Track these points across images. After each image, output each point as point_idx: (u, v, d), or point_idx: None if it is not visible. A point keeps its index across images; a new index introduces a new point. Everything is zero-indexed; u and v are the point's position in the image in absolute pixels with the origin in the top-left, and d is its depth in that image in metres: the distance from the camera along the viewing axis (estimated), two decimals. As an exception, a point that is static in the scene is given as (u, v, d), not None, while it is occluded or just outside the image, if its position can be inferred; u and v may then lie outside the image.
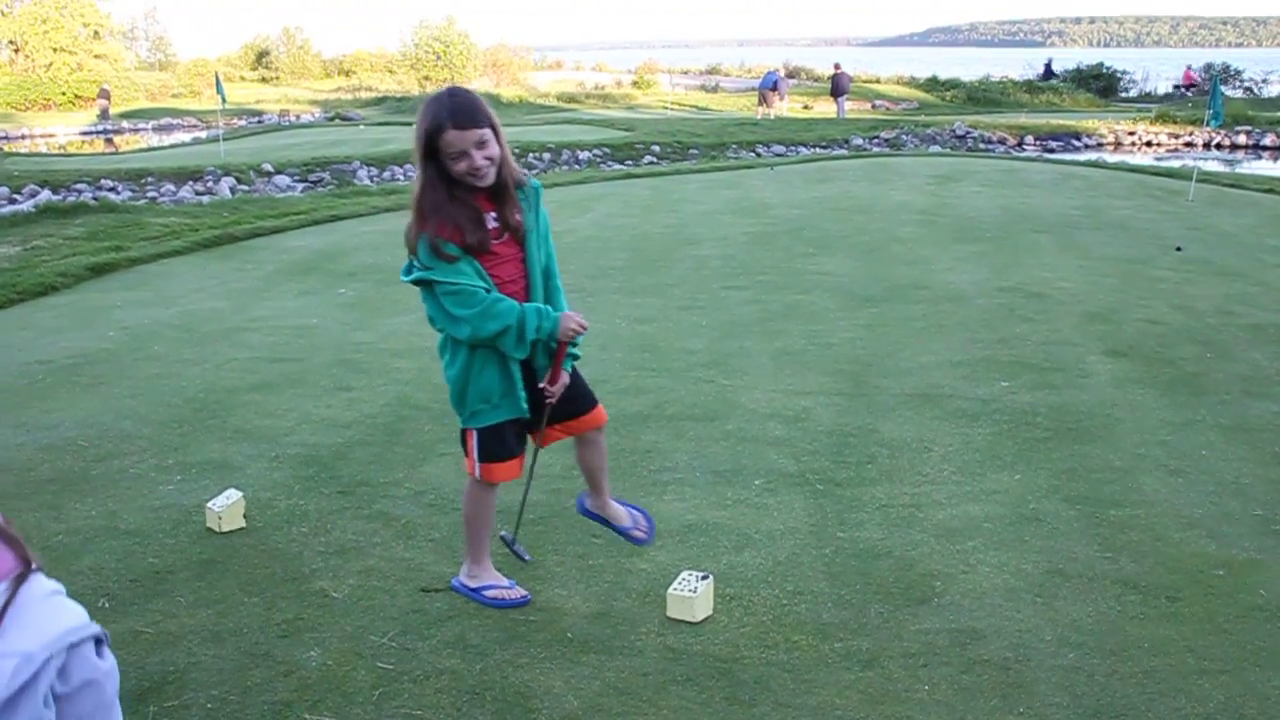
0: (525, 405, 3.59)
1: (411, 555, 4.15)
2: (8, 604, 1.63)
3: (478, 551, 3.85)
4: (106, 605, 3.75)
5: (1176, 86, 44.83)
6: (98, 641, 1.71)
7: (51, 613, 1.69)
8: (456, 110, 3.30)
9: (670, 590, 3.71)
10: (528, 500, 3.98)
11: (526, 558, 4.00)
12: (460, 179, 3.34)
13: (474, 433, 3.61)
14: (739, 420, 5.70)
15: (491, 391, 3.54)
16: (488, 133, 3.33)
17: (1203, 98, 29.82)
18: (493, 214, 3.46)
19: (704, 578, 3.74)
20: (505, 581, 3.85)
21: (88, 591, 3.83)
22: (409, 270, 3.48)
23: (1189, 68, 45.81)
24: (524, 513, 4.01)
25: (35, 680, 1.60)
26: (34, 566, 1.70)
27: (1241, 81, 44.13)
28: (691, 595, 3.66)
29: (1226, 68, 44.67)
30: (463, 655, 3.47)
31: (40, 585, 1.70)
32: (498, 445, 3.62)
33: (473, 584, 3.83)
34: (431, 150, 3.32)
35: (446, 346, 3.58)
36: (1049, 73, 48.02)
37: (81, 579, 3.93)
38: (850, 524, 4.44)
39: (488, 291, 3.40)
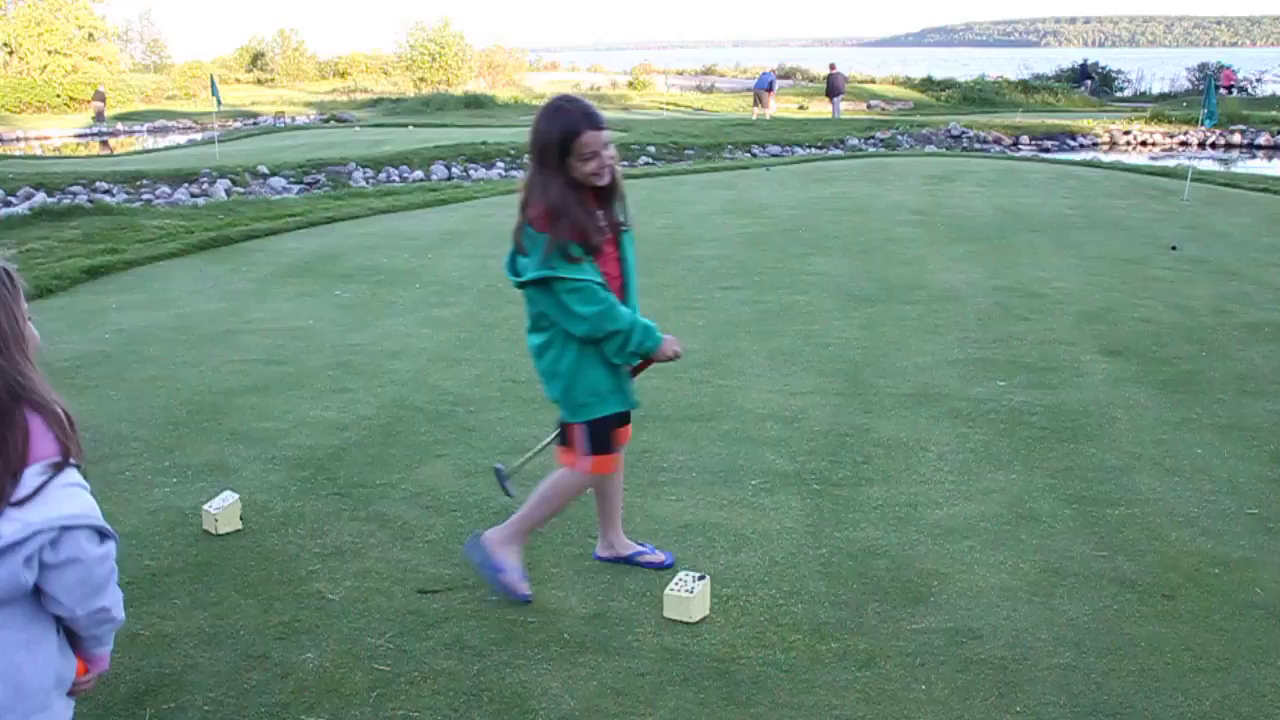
0: (635, 398, 3.80)
1: (408, 557, 4.15)
2: (40, 488, 2.01)
3: (524, 533, 3.90)
4: (103, 608, 3.74)
5: (1223, 88, 44.15)
6: (102, 535, 2.09)
7: (63, 499, 2.04)
8: (590, 113, 3.49)
9: (667, 591, 3.71)
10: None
11: (512, 493, 4.03)
12: (584, 180, 3.48)
13: (583, 426, 3.71)
14: (735, 420, 5.70)
15: (600, 386, 3.67)
16: (611, 134, 3.52)
17: (1199, 96, 29.82)
18: (600, 213, 3.58)
19: (701, 578, 3.75)
20: (521, 573, 3.86)
21: (84, 594, 3.82)
22: (518, 268, 3.59)
23: (1229, 68, 44.94)
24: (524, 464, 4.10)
25: (21, 544, 1.95)
26: (71, 461, 2.09)
27: (1236, 81, 44.18)
28: (688, 595, 3.66)
29: (1221, 67, 44.71)
30: (460, 656, 3.46)
31: (67, 476, 2.08)
32: (606, 438, 3.74)
33: (497, 559, 3.83)
34: (563, 152, 3.42)
35: (554, 343, 3.64)
36: (1085, 74, 47.44)
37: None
38: (847, 524, 4.45)
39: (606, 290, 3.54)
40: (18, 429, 2.06)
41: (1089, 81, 46.52)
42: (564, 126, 3.45)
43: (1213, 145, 28.70)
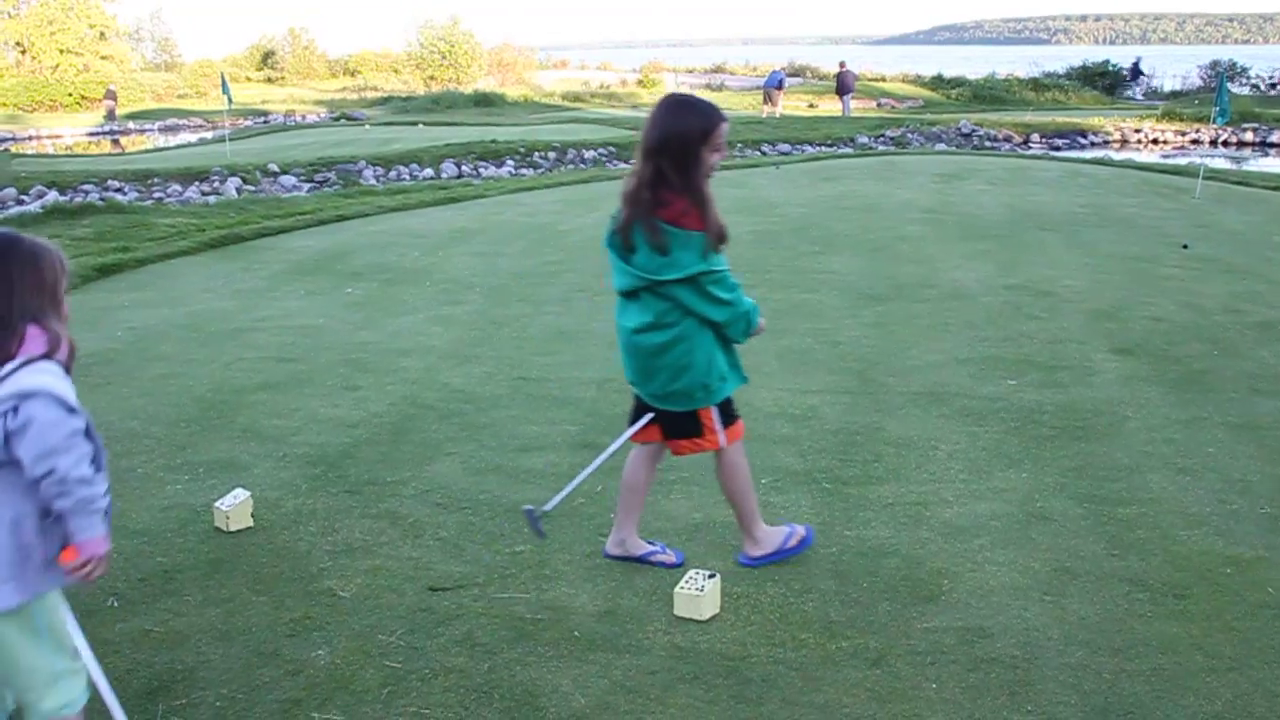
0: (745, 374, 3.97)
1: (419, 554, 4.16)
2: (11, 372, 2.34)
3: (755, 518, 4.03)
4: (115, 604, 3.76)
5: (1273, 85, 43.48)
6: (65, 407, 2.37)
7: (28, 377, 2.35)
8: (716, 106, 3.65)
9: (677, 589, 3.71)
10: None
11: (543, 533, 4.04)
12: (709, 171, 3.61)
13: (713, 409, 3.84)
14: (745, 419, 5.67)
15: (724, 367, 3.85)
16: None
17: (1211, 94, 29.71)
18: None
19: (711, 576, 3.75)
20: (786, 528, 4.09)
21: (96, 591, 3.83)
22: (650, 267, 3.62)
23: None
24: (566, 498, 4.07)
25: None
26: (55, 358, 2.46)
27: (1249, 79, 44.00)
28: (699, 594, 3.66)
29: (1233, 64, 44.53)
30: (470, 654, 3.47)
31: (40, 364, 2.41)
32: (730, 409, 3.93)
33: (768, 549, 4.02)
34: (701, 145, 3.55)
35: (684, 336, 3.71)
36: (1137, 72, 47.01)
37: (90, 578, 3.94)
38: (857, 522, 4.44)
39: None
40: (15, 337, 2.41)
41: (1141, 78, 46.09)
42: (704, 120, 3.56)
43: (1224, 143, 28.60)
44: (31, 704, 2.51)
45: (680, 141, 3.54)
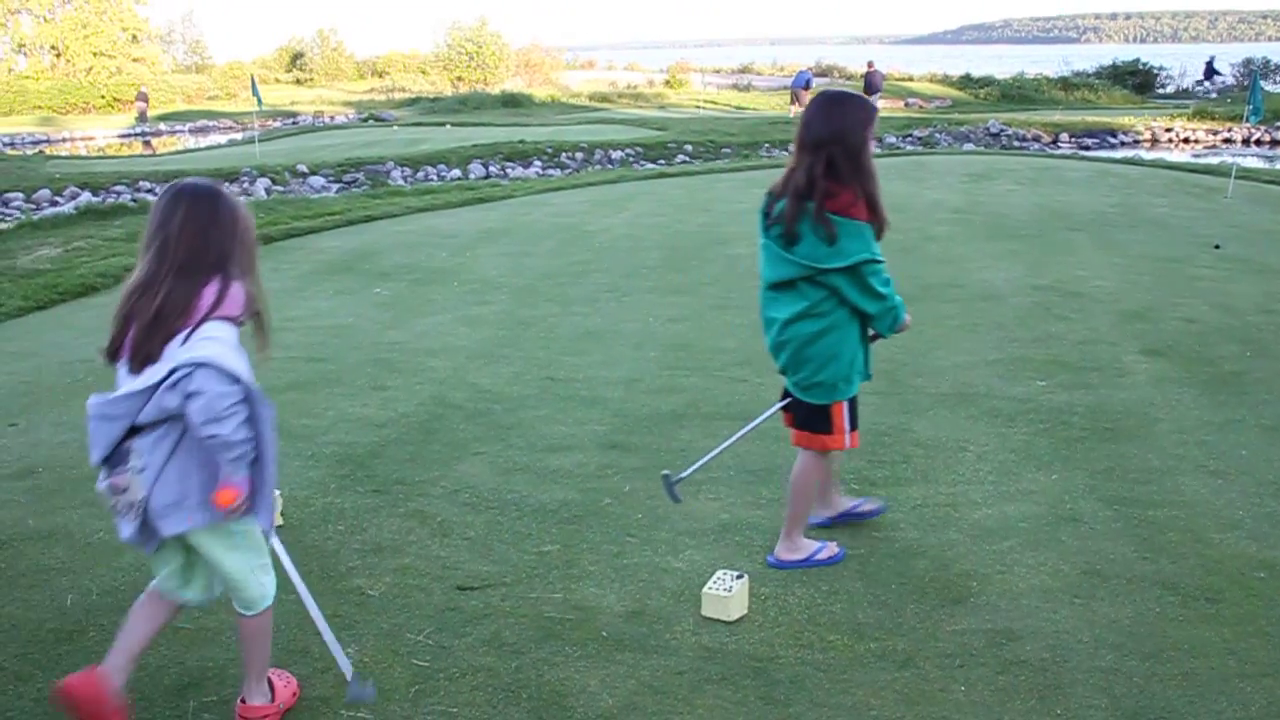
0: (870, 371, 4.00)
1: (447, 554, 4.17)
2: (191, 333, 2.75)
3: (801, 524, 4.09)
4: (147, 602, 3.79)
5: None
6: (231, 377, 2.73)
7: (205, 345, 2.73)
8: (866, 98, 3.88)
9: (705, 589, 3.71)
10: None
11: (679, 499, 4.24)
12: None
13: (844, 404, 3.90)
14: (773, 419, 5.67)
15: (858, 363, 3.92)
16: None
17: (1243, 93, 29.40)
18: None
19: (739, 577, 3.74)
20: (820, 543, 4.10)
21: (128, 587, 3.87)
22: (814, 256, 3.69)
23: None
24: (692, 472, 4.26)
25: (167, 378, 2.73)
26: (238, 320, 2.86)
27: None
28: (726, 594, 3.66)
29: (1267, 62, 44.03)
30: (498, 653, 3.48)
31: (218, 329, 2.79)
32: (855, 411, 3.97)
33: (800, 555, 4.04)
34: (865, 137, 3.70)
35: (836, 326, 3.81)
36: (1211, 71, 46.53)
37: (122, 575, 3.98)
38: (886, 523, 4.43)
39: None
40: (205, 291, 2.78)
41: (1216, 77, 45.53)
42: (866, 112, 3.73)
43: (1257, 142, 28.29)
44: (235, 596, 3.05)
45: (849, 134, 3.67)
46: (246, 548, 3.00)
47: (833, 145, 3.64)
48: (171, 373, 2.72)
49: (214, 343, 2.75)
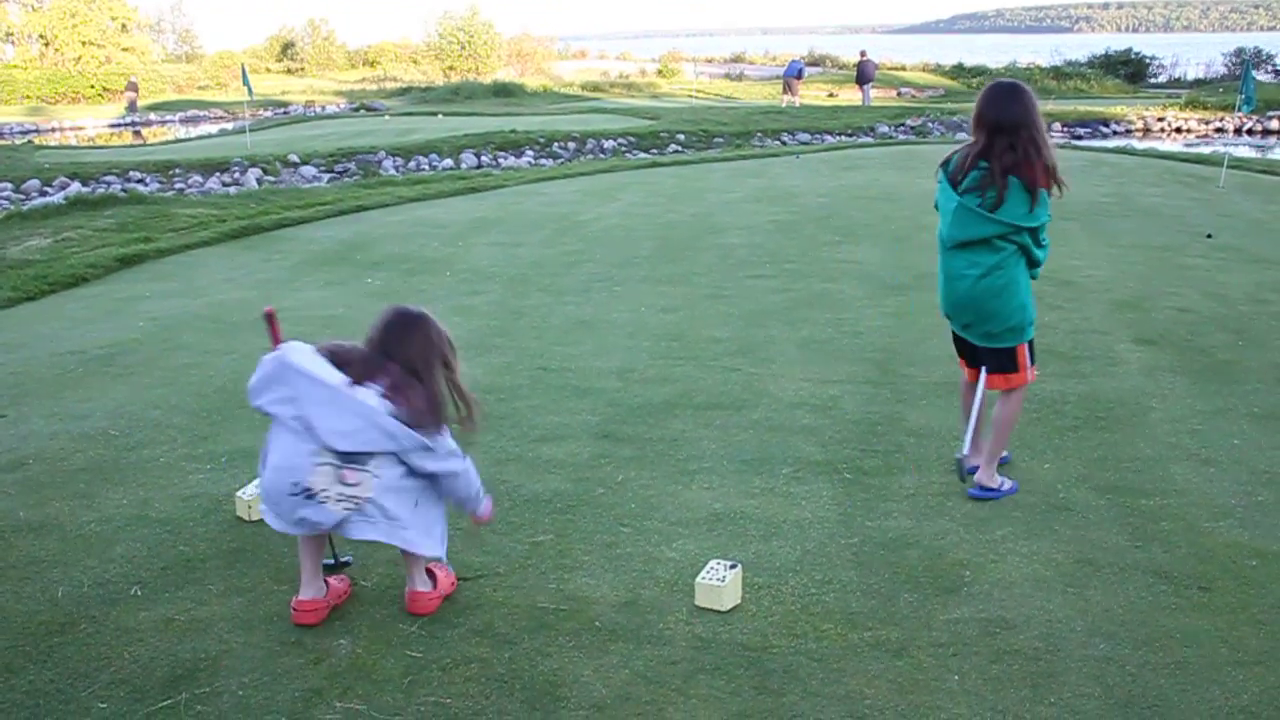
0: None
1: (440, 544, 4.15)
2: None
3: (998, 459, 4.66)
4: (138, 593, 3.78)
5: None
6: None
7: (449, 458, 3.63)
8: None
9: (699, 579, 3.71)
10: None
11: (965, 479, 4.62)
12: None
13: (1025, 346, 4.55)
14: (766, 409, 5.69)
15: (1030, 308, 4.53)
16: None
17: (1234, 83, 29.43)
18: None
19: (732, 566, 3.74)
20: (1004, 478, 4.67)
21: (120, 579, 3.86)
22: (1011, 215, 4.32)
23: None
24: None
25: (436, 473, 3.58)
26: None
27: (1274, 65, 43.54)
28: (720, 584, 3.65)
29: (1259, 52, 44.06)
30: (491, 643, 3.48)
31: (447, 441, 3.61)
32: (1034, 349, 4.64)
33: (995, 484, 4.58)
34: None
35: (1016, 280, 4.45)
36: (1259, 60, 46.32)
37: (114, 567, 3.96)
38: (879, 513, 4.43)
39: None
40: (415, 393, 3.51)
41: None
42: (1035, 95, 4.37)
43: (1249, 131, 28.32)
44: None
45: (1034, 117, 4.29)
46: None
47: (1023, 128, 4.25)
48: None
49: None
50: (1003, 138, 4.26)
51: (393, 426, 3.38)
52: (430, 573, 3.72)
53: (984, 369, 4.61)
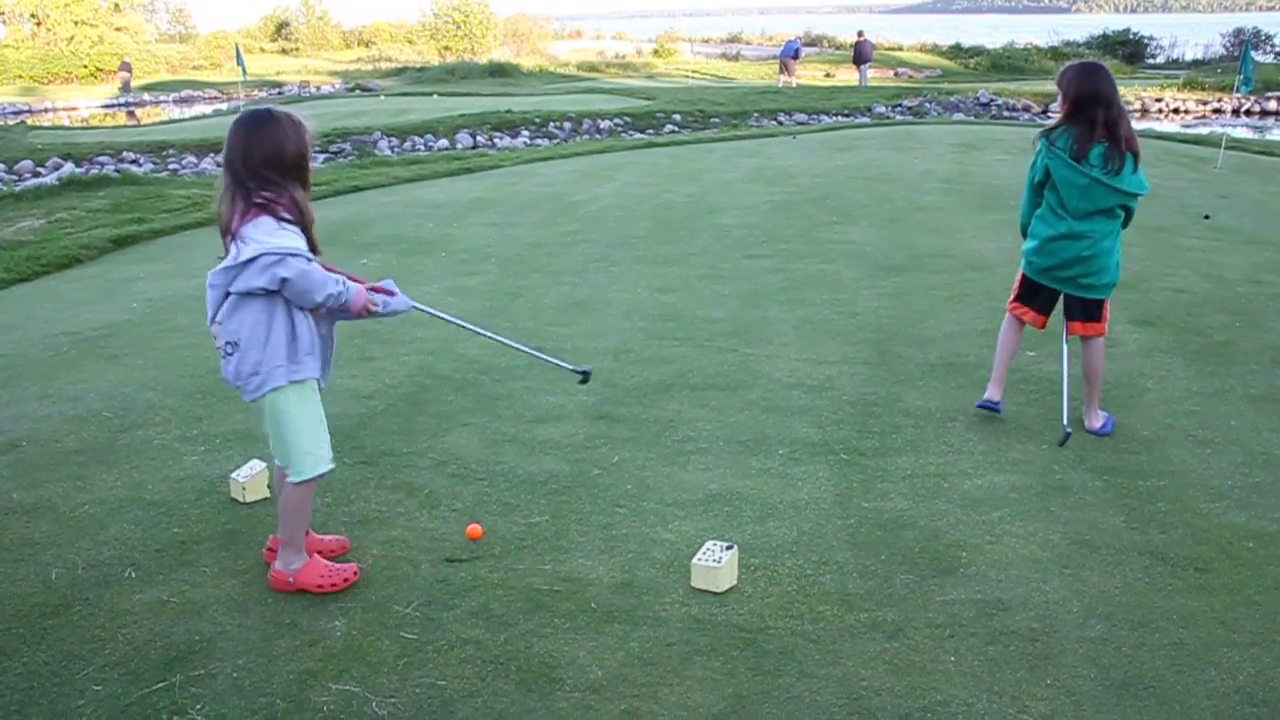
0: None
1: (435, 526, 4.15)
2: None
3: (1098, 396, 5.18)
4: (132, 575, 3.77)
5: None
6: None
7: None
8: None
9: (695, 560, 3.70)
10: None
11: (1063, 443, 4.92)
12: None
13: (1109, 300, 5.07)
14: (762, 390, 5.67)
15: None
16: None
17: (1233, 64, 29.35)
18: None
19: (728, 548, 3.73)
20: (1107, 414, 5.17)
21: (114, 561, 3.85)
22: (1139, 184, 4.89)
23: None
24: None
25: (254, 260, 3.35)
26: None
27: (1273, 46, 43.43)
28: (716, 565, 3.65)
29: (1257, 32, 43.94)
30: (486, 625, 3.47)
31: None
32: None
33: (1101, 423, 5.07)
34: None
35: (1119, 239, 5.02)
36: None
37: (108, 549, 3.95)
38: (875, 494, 4.42)
39: None
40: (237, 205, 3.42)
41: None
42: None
43: (1247, 112, 28.24)
44: (284, 466, 3.61)
45: (1115, 92, 4.79)
46: (305, 426, 3.54)
47: (1117, 104, 4.75)
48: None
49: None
50: (1104, 112, 4.72)
51: (212, 277, 3.42)
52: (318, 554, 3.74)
53: (1069, 318, 5.10)
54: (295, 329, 3.47)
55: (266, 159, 3.41)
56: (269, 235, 3.33)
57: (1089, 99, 4.72)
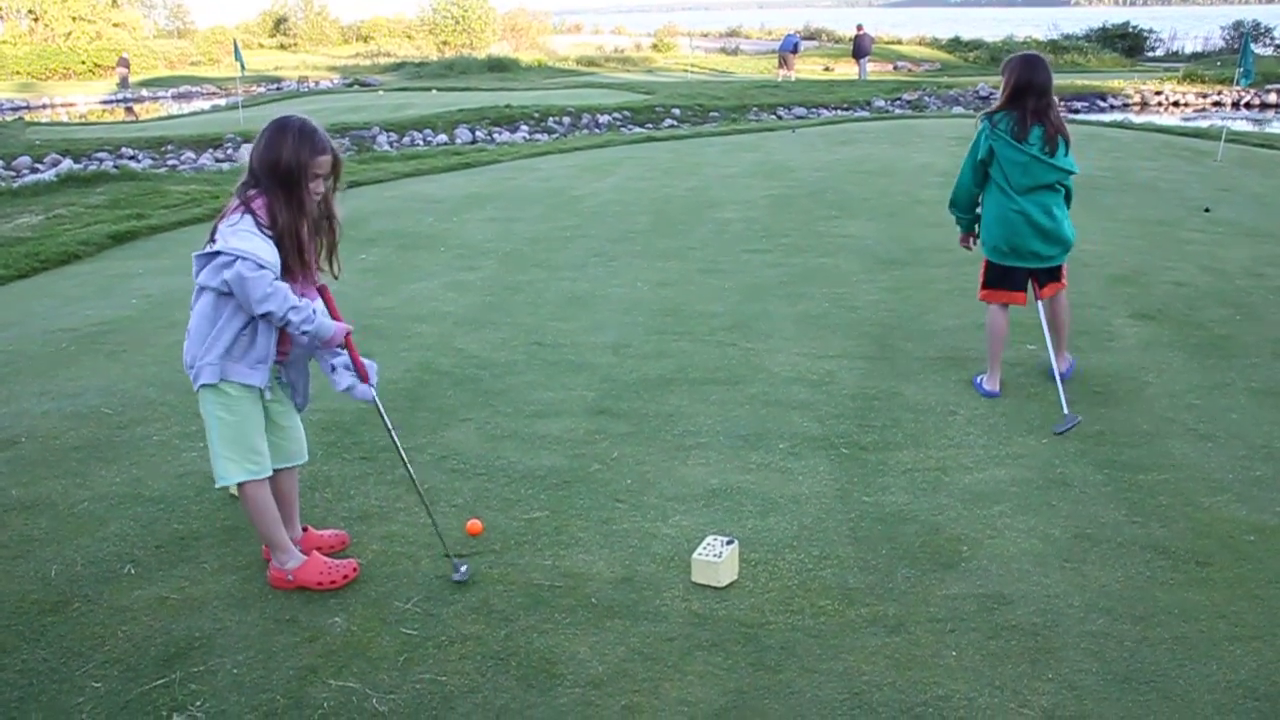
0: None
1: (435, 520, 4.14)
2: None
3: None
4: (132, 571, 3.76)
5: None
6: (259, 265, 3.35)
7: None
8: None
9: (695, 555, 3.69)
10: None
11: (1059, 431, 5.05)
12: None
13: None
14: (763, 384, 5.67)
15: None
16: None
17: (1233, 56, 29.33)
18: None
19: (729, 542, 3.72)
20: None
21: (113, 558, 3.84)
22: (1072, 164, 5.34)
23: None
24: None
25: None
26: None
27: (1273, 39, 43.39)
28: (716, 560, 3.64)
29: (1257, 25, 43.89)
30: (486, 621, 3.46)
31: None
32: None
33: (1066, 366, 5.67)
34: None
35: (1062, 209, 5.41)
36: None
37: (107, 545, 3.94)
38: (876, 488, 4.41)
39: None
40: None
41: None
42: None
43: (1247, 105, 28.22)
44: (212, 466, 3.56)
45: (1052, 88, 5.26)
46: (231, 432, 3.50)
47: (1050, 95, 5.22)
48: None
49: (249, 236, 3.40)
50: (1041, 100, 5.17)
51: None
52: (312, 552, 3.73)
53: (1040, 285, 5.50)
54: (255, 336, 3.47)
55: (268, 164, 3.46)
56: (236, 237, 3.35)
57: (1026, 88, 5.17)
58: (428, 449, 4.84)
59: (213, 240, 3.40)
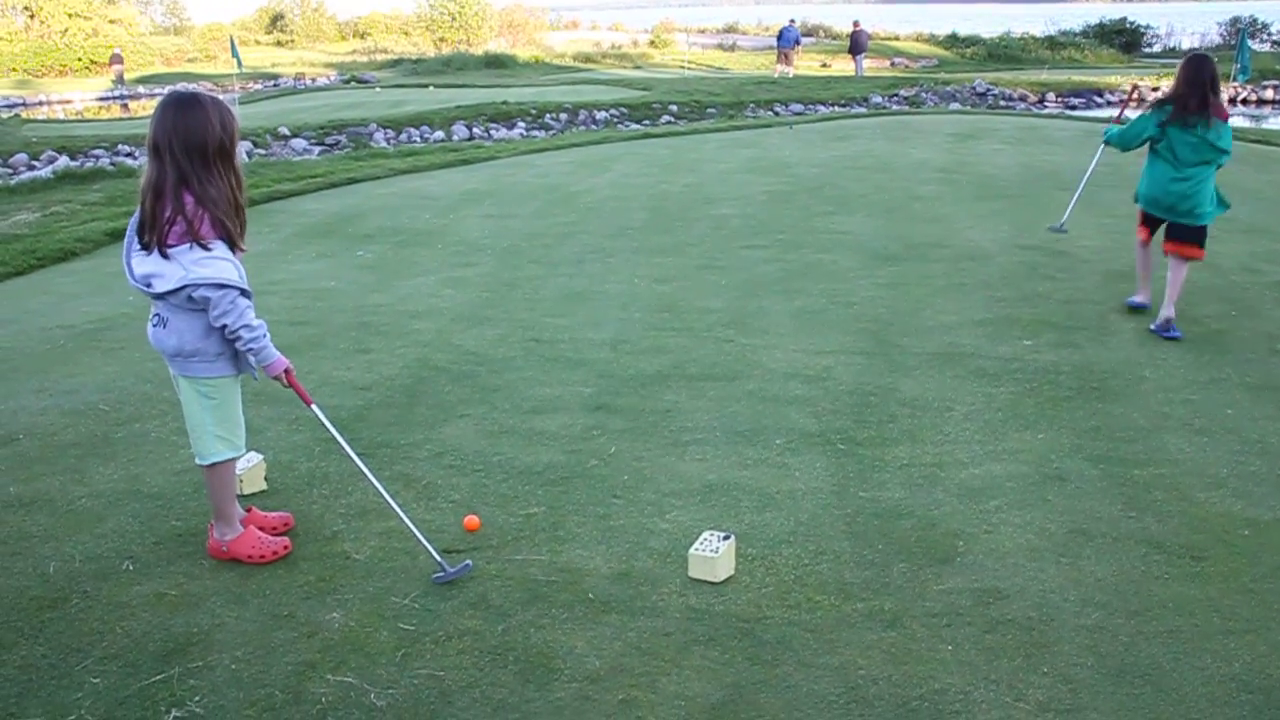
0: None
1: (432, 517, 4.15)
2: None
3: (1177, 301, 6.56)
4: (130, 567, 3.77)
5: None
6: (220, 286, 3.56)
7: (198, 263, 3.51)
8: None
9: (692, 550, 3.70)
10: None
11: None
12: None
13: (1206, 227, 6.54)
14: (759, 380, 5.68)
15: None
16: None
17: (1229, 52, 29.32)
18: None
19: (726, 538, 3.74)
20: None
21: (112, 554, 3.85)
22: (1230, 144, 6.41)
23: None
24: None
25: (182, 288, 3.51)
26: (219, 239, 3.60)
27: (1270, 35, 43.40)
28: (713, 555, 3.65)
29: (1254, 21, 43.91)
30: (484, 616, 3.47)
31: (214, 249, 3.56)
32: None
33: (1166, 324, 6.37)
34: None
35: (1211, 179, 6.46)
36: None
37: (106, 542, 3.95)
38: (872, 484, 4.42)
39: None
40: (171, 209, 3.47)
41: None
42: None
43: (1244, 101, 28.23)
44: (193, 446, 3.77)
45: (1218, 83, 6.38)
46: (218, 413, 3.73)
47: (1213, 82, 6.32)
48: None
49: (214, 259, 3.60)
50: (1203, 91, 6.28)
51: (141, 261, 3.63)
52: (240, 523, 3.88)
53: (1169, 239, 6.52)
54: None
55: (195, 144, 3.51)
56: (200, 265, 3.50)
57: (1207, 82, 6.29)
58: (425, 445, 4.85)
59: (163, 253, 3.49)
